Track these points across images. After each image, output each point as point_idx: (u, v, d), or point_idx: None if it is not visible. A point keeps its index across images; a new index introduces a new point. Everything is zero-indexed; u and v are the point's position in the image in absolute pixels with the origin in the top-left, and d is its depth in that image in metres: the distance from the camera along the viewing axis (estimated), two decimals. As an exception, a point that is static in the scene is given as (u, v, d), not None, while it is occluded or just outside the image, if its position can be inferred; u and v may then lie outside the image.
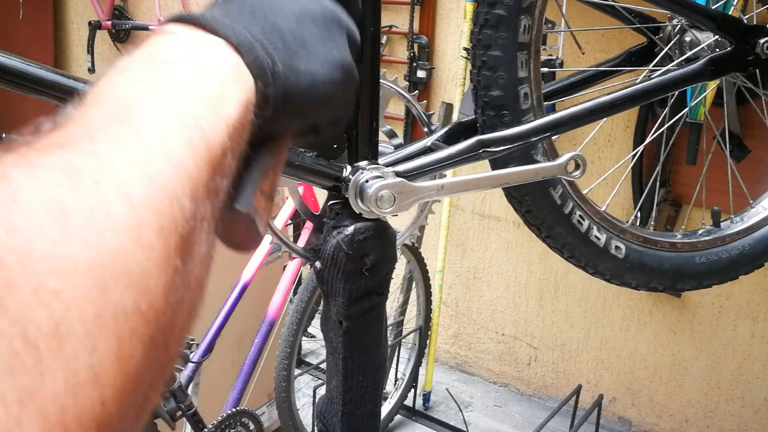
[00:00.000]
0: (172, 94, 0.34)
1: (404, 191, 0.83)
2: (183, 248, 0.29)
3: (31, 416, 0.21)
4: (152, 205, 0.28)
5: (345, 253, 0.84)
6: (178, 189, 0.30)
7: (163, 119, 0.32)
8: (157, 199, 0.28)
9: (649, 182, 2.03)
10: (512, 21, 0.92)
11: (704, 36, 1.14)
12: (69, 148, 0.28)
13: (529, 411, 2.63)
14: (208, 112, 0.35)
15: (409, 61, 2.52)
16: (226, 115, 0.36)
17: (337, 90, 0.46)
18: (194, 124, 0.33)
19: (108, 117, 0.31)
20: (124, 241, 0.26)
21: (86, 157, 0.28)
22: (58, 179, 0.26)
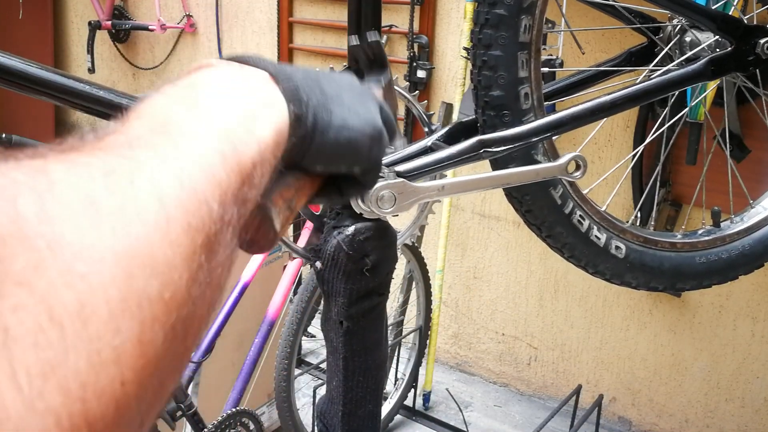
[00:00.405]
0: (209, 112, 0.37)
1: (405, 191, 0.83)
2: (208, 247, 0.31)
3: (53, 389, 0.22)
4: (182, 205, 0.30)
5: (345, 253, 0.84)
6: (207, 193, 0.32)
7: (198, 132, 0.35)
8: (186, 199, 0.30)
9: (649, 182, 2.04)
10: (513, 20, 0.92)
11: (704, 36, 1.14)
12: (108, 151, 0.30)
13: (529, 411, 2.63)
14: (241, 129, 0.37)
15: (409, 61, 2.52)
16: (258, 134, 0.39)
17: (366, 143, 0.49)
18: (227, 138, 0.36)
19: (147, 129, 0.34)
20: (151, 234, 0.28)
21: (122, 160, 0.30)
22: (94, 176, 0.28)
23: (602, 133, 2.29)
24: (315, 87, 0.46)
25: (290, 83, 0.44)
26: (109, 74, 3.66)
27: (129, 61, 3.56)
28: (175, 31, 3.32)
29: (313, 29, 2.82)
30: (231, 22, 3.10)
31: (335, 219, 0.87)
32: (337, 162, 0.49)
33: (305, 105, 0.44)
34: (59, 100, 0.71)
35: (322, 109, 0.45)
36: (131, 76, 3.61)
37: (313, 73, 0.48)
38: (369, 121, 0.49)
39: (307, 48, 2.84)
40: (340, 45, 2.72)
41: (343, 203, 0.70)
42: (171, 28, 3.26)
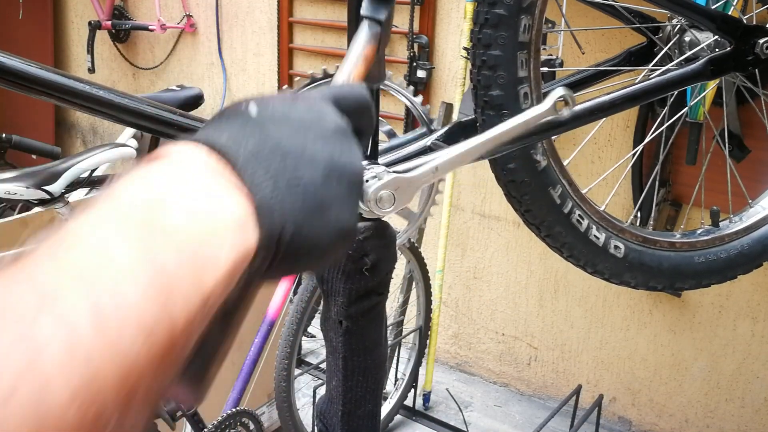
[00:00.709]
0: (152, 241, 0.31)
1: (401, 186, 0.83)
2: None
3: None
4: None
5: (345, 252, 0.84)
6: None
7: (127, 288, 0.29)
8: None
9: (649, 182, 2.04)
10: (512, 20, 0.92)
11: (704, 36, 1.14)
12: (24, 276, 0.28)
13: (529, 411, 2.63)
14: (184, 283, 0.32)
15: (409, 61, 2.52)
16: (206, 283, 0.33)
17: (332, 252, 0.43)
18: (167, 294, 0.30)
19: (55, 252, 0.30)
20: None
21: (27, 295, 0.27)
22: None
23: (602, 133, 2.29)
24: (297, 200, 0.39)
25: (269, 218, 0.37)
26: (109, 74, 3.67)
27: (129, 61, 3.57)
28: (175, 31, 3.32)
29: (313, 29, 2.82)
30: (231, 22, 3.10)
31: (335, 219, 0.87)
32: (297, 270, 0.44)
33: (276, 240, 0.38)
34: (59, 100, 0.71)
35: (297, 236, 0.39)
36: (131, 76, 3.61)
37: (300, 163, 0.40)
38: (344, 229, 0.42)
39: (307, 48, 2.84)
40: (340, 45, 2.72)
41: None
42: (171, 28, 3.27)
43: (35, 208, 1.96)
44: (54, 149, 2.36)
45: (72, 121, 3.92)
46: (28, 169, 1.97)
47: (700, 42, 1.13)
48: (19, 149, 2.39)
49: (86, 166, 1.81)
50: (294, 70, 2.87)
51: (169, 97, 1.90)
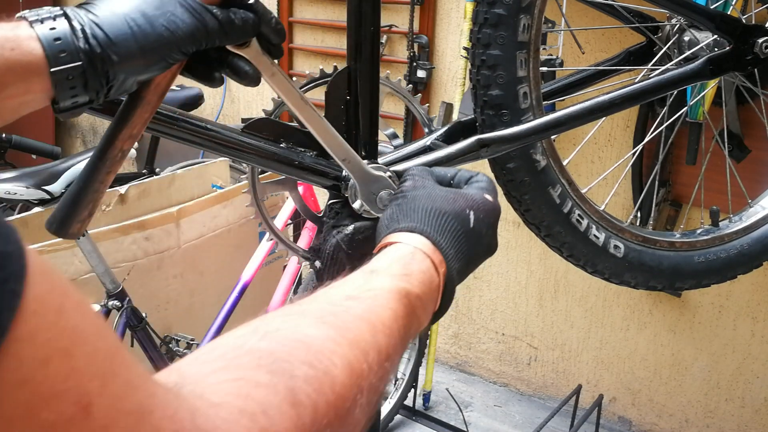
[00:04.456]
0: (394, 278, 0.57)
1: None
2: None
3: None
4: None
5: (345, 252, 0.84)
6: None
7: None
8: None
9: (649, 182, 2.04)
10: (512, 20, 0.92)
11: (703, 35, 1.14)
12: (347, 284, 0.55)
13: (529, 411, 2.63)
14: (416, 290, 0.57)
15: (409, 61, 2.52)
16: (423, 324, 0.59)
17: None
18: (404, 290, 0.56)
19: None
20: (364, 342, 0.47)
21: (361, 287, 0.55)
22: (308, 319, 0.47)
23: (602, 133, 2.29)
24: (462, 263, 0.66)
25: (450, 282, 0.62)
26: (109, 74, 3.66)
27: (129, 61, 3.56)
28: (175, 31, 3.32)
29: (313, 29, 2.82)
30: (231, 23, 3.09)
31: (334, 218, 0.87)
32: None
33: (450, 297, 0.63)
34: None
35: (455, 283, 0.64)
36: (131, 76, 3.61)
37: (471, 239, 0.67)
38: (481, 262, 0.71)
39: (307, 48, 2.84)
40: (340, 45, 2.72)
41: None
42: (171, 28, 3.26)
43: (35, 208, 1.96)
44: (54, 149, 2.36)
45: (72, 121, 3.92)
46: (28, 169, 1.97)
47: (699, 41, 1.13)
48: (19, 149, 2.39)
49: (86, 166, 1.81)
50: (294, 70, 2.88)
51: (169, 98, 1.90)
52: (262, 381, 0.38)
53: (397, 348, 0.52)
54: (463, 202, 0.68)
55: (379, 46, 1.01)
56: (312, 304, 0.50)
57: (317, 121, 0.79)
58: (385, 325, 0.51)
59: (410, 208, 0.66)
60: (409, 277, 0.57)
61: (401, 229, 0.63)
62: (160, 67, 0.61)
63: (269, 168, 0.86)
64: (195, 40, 0.61)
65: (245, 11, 0.65)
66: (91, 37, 0.56)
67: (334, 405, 0.41)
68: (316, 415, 0.40)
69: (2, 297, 0.26)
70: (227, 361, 0.39)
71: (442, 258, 0.62)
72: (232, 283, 1.92)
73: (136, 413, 0.30)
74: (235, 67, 0.68)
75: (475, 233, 0.67)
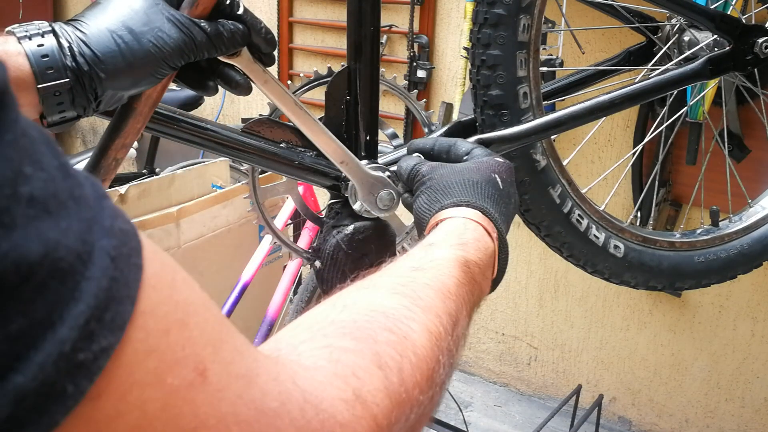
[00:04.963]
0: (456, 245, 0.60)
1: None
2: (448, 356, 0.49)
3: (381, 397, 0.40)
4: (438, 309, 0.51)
5: (345, 252, 0.84)
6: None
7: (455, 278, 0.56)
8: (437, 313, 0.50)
9: (649, 182, 2.04)
10: (511, 20, 0.92)
11: (703, 35, 1.14)
12: (410, 259, 0.57)
13: (529, 411, 2.63)
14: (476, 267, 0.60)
15: (409, 61, 2.52)
16: (485, 291, 0.62)
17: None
18: (465, 261, 0.58)
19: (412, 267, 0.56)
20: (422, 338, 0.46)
21: (423, 260, 0.57)
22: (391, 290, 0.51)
23: (602, 133, 2.29)
24: (505, 224, 0.68)
25: (504, 248, 0.66)
26: (109, 74, 3.66)
27: (129, 61, 3.56)
28: (175, 31, 3.32)
29: (313, 29, 2.82)
30: (231, 23, 3.09)
31: (334, 218, 0.87)
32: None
33: (506, 259, 0.66)
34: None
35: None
36: (131, 76, 3.61)
37: (508, 202, 0.70)
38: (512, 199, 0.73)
39: (307, 48, 2.84)
40: (340, 45, 2.72)
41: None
42: (171, 28, 3.26)
43: (35, 208, 1.96)
44: (54, 149, 2.36)
45: (72, 121, 3.91)
46: (29, 169, 1.97)
47: (699, 41, 1.13)
48: (20, 149, 2.39)
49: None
50: (294, 70, 2.88)
51: (169, 97, 1.90)
52: (349, 347, 0.41)
53: (463, 314, 0.54)
54: (486, 168, 0.71)
55: (379, 46, 1.01)
56: (381, 278, 0.52)
57: (313, 125, 0.79)
58: (451, 292, 0.53)
59: (444, 186, 0.68)
60: (465, 246, 0.59)
61: (446, 206, 0.66)
62: (148, 82, 0.62)
63: (269, 168, 0.86)
64: (183, 54, 0.62)
65: (234, 22, 0.66)
66: (78, 55, 0.57)
67: (418, 366, 0.44)
68: (402, 375, 0.42)
69: (130, 270, 0.27)
70: (313, 333, 0.42)
71: (492, 223, 0.65)
72: (232, 283, 1.92)
73: (246, 377, 0.32)
74: (226, 76, 0.69)
75: (506, 193, 0.70)
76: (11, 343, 0.23)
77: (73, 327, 0.25)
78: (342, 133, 0.85)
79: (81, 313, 0.25)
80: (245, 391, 0.31)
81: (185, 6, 0.63)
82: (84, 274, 0.25)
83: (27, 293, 0.24)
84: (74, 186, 0.26)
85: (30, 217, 0.24)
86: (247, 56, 0.70)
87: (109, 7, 0.60)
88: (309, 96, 0.92)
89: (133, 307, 0.27)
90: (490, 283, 0.64)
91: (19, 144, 0.24)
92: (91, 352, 0.25)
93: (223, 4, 0.66)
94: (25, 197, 0.24)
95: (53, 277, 0.24)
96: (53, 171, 0.26)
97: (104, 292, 0.26)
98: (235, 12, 0.66)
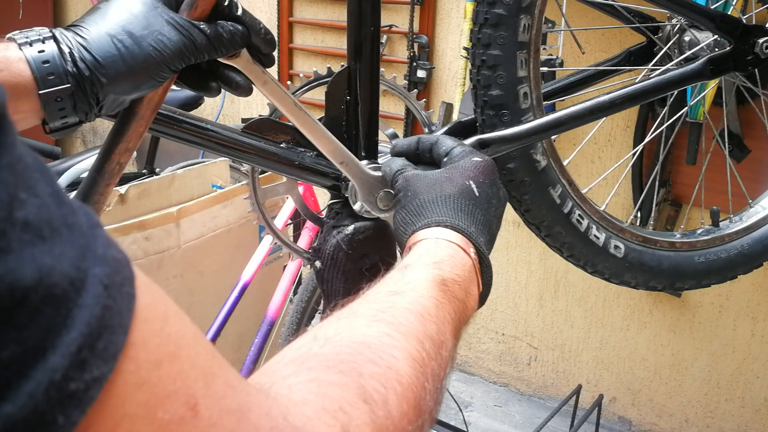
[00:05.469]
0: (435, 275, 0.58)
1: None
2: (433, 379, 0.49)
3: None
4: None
5: (345, 252, 0.84)
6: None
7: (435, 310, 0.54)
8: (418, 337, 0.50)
9: (649, 182, 2.04)
10: (512, 20, 0.92)
11: (703, 36, 1.14)
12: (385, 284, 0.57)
13: (529, 411, 2.63)
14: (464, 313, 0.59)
15: (409, 61, 2.52)
16: (471, 307, 0.61)
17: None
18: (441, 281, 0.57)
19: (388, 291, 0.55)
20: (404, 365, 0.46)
21: (399, 287, 0.56)
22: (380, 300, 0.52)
23: (602, 133, 2.29)
24: (489, 248, 0.69)
25: (487, 271, 0.66)
26: (109, 74, 3.66)
27: (129, 61, 3.56)
28: (175, 31, 3.31)
29: (313, 29, 2.82)
30: (231, 23, 3.09)
31: (335, 219, 0.87)
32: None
33: (489, 273, 0.67)
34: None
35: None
36: (131, 76, 3.60)
37: (493, 223, 0.70)
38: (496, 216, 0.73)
39: (307, 48, 2.84)
40: (340, 45, 2.72)
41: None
42: (171, 28, 3.26)
43: (35, 208, 1.96)
44: (54, 149, 2.36)
45: (72, 121, 3.91)
46: (28, 169, 1.97)
47: (699, 42, 1.13)
48: (19, 149, 2.39)
49: (86, 166, 1.82)
50: (294, 70, 2.88)
51: (169, 98, 1.90)
52: (334, 380, 0.40)
53: (447, 335, 0.53)
54: (459, 175, 0.70)
55: (379, 46, 1.01)
56: (360, 306, 0.52)
57: (313, 126, 0.79)
58: (431, 314, 0.52)
59: (416, 207, 0.67)
60: (440, 264, 0.59)
61: (418, 228, 0.65)
62: (150, 86, 0.62)
63: (269, 168, 0.86)
64: (184, 57, 0.62)
65: (233, 24, 0.66)
66: (79, 60, 0.57)
67: (404, 396, 0.43)
68: (388, 408, 0.42)
69: (123, 299, 0.27)
70: (297, 366, 0.41)
71: (466, 239, 0.64)
72: (232, 283, 1.92)
73: (238, 412, 0.31)
74: (226, 78, 0.69)
75: (483, 199, 0.69)
76: (2, 370, 0.23)
77: (65, 355, 0.24)
78: (342, 133, 0.85)
79: (73, 341, 0.24)
80: (237, 426, 0.31)
81: (184, 8, 0.63)
82: (77, 302, 0.25)
83: (21, 319, 0.23)
84: (68, 213, 0.26)
85: (25, 242, 0.23)
86: (247, 57, 0.70)
87: (109, 12, 0.60)
88: (309, 96, 0.92)
89: (125, 337, 0.27)
90: (476, 298, 0.63)
91: (15, 168, 0.24)
92: (83, 382, 0.25)
93: (221, 6, 0.66)
94: (20, 222, 0.23)
95: (47, 303, 0.24)
96: (47, 198, 0.25)
97: (97, 320, 0.25)
98: (233, 13, 0.66)
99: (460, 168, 0.71)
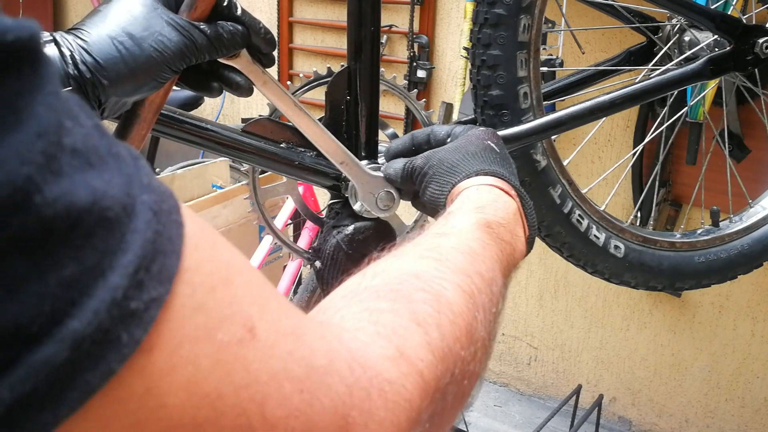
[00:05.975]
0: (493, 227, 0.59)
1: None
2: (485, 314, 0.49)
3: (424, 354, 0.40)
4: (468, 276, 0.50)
5: (345, 252, 0.84)
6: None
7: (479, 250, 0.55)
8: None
9: (649, 182, 2.04)
10: (512, 20, 0.92)
11: (703, 35, 1.14)
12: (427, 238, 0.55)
13: (529, 411, 2.63)
14: (511, 245, 0.61)
15: (409, 61, 2.52)
16: (519, 250, 0.63)
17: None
18: (508, 251, 0.60)
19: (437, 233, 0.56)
20: (457, 299, 0.46)
21: (446, 229, 0.56)
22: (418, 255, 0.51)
23: (602, 133, 2.29)
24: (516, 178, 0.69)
25: (525, 204, 0.66)
26: (109, 74, 3.66)
27: (129, 61, 3.56)
28: (175, 31, 3.31)
29: (313, 29, 2.82)
30: (231, 23, 3.09)
31: (335, 218, 0.87)
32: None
33: (533, 214, 0.67)
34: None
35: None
36: (131, 76, 3.61)
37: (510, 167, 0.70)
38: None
39: (307, 48, 2.84)
40: (340, 45, 2.72)
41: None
42: (171, 28, 3.26)
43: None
44: (54, 149, 2.36)
45: (72, 121, 3.91)
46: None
47: (699, 42, 1.13)
48: (19, 149, 2.39)
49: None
50: (294, 70, 2.88)
51: (170, 98, 1.90)
52: (385, 308, 0.41)
53: (496, 274, 0.54)
54: (477, 139, 0.71)
55: (379, 46, 1.01)
56: (407, 248, 0.52)
57: (312, 126, 0.79)
58: (478, 254, 0.53)
59: (447, 167, 0.68)
60: (483, 209, 0.59)
61: (456, 183, 0.66)
62: (151, 87, 0.62)
63: (269, 168, 0.86)
64: (184, 58, 0.62)
65: (233, 24, 0.66)
66: (80, 63, 0.57)
67: (456, 322, 0.44)
68: (442, 331, 0.42)
69: (172, 226, 0.28)
70: (348, 300, 0.43)
71: (506, 182, 0.65)
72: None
73: (293, 335, 0.32)
74: (226, 78, 0.69)
75: (504, 155, 0.71)
76: (65, 288, 0.23)
77: (124, 275, 0.25)
78: (342, 133, 0.85)
79: (130, 263, 0.25)
80: (295, 348, 0.32)
81: (184, 9, 0.63)
82: (129, 226, 0.26)
83: (77, 240, 0.24)
84: (111, 143, 0.27)
85: (75, 167, 0.24)
86: (247, 57, 0.70)
87: (109, 14, 0.60)
88: (309, 96, 0.92)
89: (178, 261, 0.27)
90: (524, 241, 0.63)
91: (60, 96, 0.24)
92: (142, 302, 0.25)
93: (221, 6, 0.66)
94: (69, 147, 0.24)
95: (101, 226, 0.24)
96: (90, 128, 0.26)
97: (150, 244, 0.26)
98: (233, 13, 0.66)
99: (474, 135, 0.72)
